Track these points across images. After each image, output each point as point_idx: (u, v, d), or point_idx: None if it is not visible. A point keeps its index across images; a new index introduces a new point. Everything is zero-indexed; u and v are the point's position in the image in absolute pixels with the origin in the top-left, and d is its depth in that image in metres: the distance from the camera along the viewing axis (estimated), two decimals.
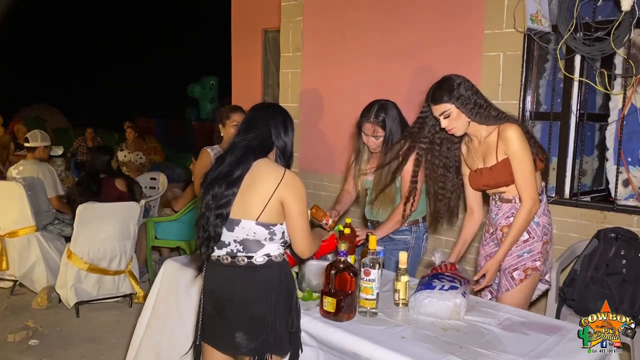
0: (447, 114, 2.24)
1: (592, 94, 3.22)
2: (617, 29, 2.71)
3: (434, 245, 3.52)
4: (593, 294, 2.57)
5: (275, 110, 1.97)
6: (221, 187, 1.82)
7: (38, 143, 4.50)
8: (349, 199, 2.92)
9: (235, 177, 1.82)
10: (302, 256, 1.96)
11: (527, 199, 2.22)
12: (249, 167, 1.84)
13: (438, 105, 2.25)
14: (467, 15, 3.32)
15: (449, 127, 2.28)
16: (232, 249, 1.85)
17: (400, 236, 2.75)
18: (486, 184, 2.36)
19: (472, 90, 2.24)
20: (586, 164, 3.30)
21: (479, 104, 2.23)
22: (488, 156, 2.31)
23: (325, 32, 4.13)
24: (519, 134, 2.20)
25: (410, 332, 1.85)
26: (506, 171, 2.24)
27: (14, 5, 13.32)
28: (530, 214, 2.24)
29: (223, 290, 1.87)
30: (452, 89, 2.21)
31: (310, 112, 4.29)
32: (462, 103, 2.21)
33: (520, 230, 2.26)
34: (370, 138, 2.67)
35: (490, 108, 2.26)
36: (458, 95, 2.20)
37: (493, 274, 2.32)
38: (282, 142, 1.92)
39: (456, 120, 2.25)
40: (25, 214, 4.18)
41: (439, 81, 2.28)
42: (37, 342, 3.45)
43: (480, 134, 2.32)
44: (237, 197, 1.83)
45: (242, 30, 6.08)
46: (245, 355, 1.87)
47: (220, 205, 1.82)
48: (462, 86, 2.22)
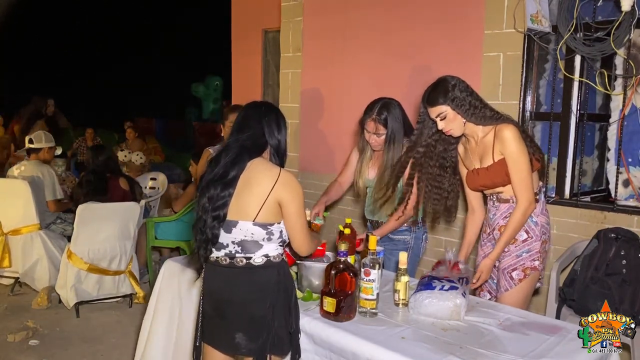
0: (443, 116, 2.25)
1: (592, 94, 3.22)
2: (617, 29, 2.71)
3: (433, 245, 3.53)
4: (593, 294, 2.57)
5: (267, 108, 1.95)
6: (217, 189, 1.81)
7: (42, 144, 4.49)
8: (338, 191, 2.93)
9: (230, 178, 1.81)
10: (302, 254, 1.97)
11: (522, 199, 2.23)
12: (243, 168, 1.83)
13: (434, 107, 2.25)
14: (467, 15, 3.32)
15: (445, 129, 2.29)
16: (230, 250, 1.85)
17: (399, 236, 2.75)
18: (483, 184, 2.37)
19: (467, 92, 2.24)
20: (586, 164, 3.30)
21: (474, 104, 2.23)
22: (485, 156, 2.31)
23: (325, 32, 4.13)
24: (515, 134, 2.20)
25: (410, 332, 1.85)
26: (502, 171, 2.25)
27: (14, 5, 13.32)
28: (525, 214, 2.25)
29: (222, 291, 1.87)
30: (447, 91, 2.21)
31: (310, 112, 4.29)
32: (457, 104, 2.21)
33: (515, 230, 2.27)
34: (372, 136, 2.67)
35: (485, 109, 2.26)
36: (453, 97, 2.21)
37: (487, 273, 2.34)
38: (276, 140, 1.91)
39: (452, 122, 2.26)
40: (29, 212, 4.17)
41: (434, 83, 2.28)
42: (37, 342, 3.45)
43: (477, 134, 2.32)
44: (233, 198, 1.82)
45: (242, 30, 6.08)
46: (245, 355, 1.88)
47: (217, 207, 1.81)
48: (456, 87, 2.22)
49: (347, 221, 2.47)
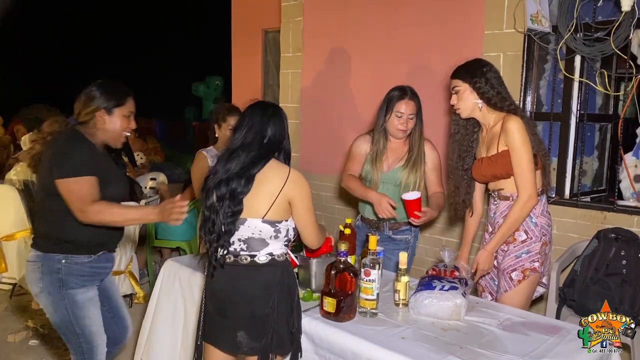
0: (456, 90, 2.30)
1: (592, 94, 3.22)
2: (618, 29, 2.71)
3: (434, 245, 3.53)
4: (593, 294, 2.57)
5: (275, 109, 1.99)
6: (231, 185, 1.82)
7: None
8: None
9: (252, 174, 1.83)
10: (312, 247, 2.03)
11: (522, 192, 2.22)
12: (263, 166, 1.84)
13: (453, 79, 2.32)
14: (467, 15, 3.32)
15: (456, 105, 2.33)
16: (235, 247, 1.86)
17: (401, 236, 2.74)
18: (484, 174, 2.36)
19: (494, 79, 2.26)
20: (586, 164, 3.30)
21: (490, 92, 2.25)
22: (491, 146, 2.32)
23: (325, 32, 4.13)
24: (520, 127, 2.20)
25: (410, 332, 1.85)
26: (504, 162, 2.24)
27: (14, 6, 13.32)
28: (524, 208, 2.23)
29: (225, 289, 1.88)
30: (470, 68, 2.27)
31: (311, 112, 4.29)
32: (475, 84, 2.25)
33: (513, 223, 2.25)
34: (404, 118, 2.59)
35: (504, 101, 2.27)
36: (474, 76, 2.25)
37: (484, 264, 2.33)
38: (288, 143, 1.97)
39: (463, 100, 2.30)
40: (21, 217, 4.13)
41: (468, 60, 2.33)
42: (37, 342, 3.45)
43: (489, 122, 2.33)
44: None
45: (242, 30, 6.08)
46: (246, 354, 1.88)
47: (237, 202, 1.81)
48: (483, 70, 2.26)
49: (347, 221, 2.47)
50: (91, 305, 2.16)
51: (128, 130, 2.22)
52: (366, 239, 2.27)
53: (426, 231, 3.55)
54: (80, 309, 2.12)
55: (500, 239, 2.29)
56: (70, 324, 2.13)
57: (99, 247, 2.17)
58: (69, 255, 2.10)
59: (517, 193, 2.26)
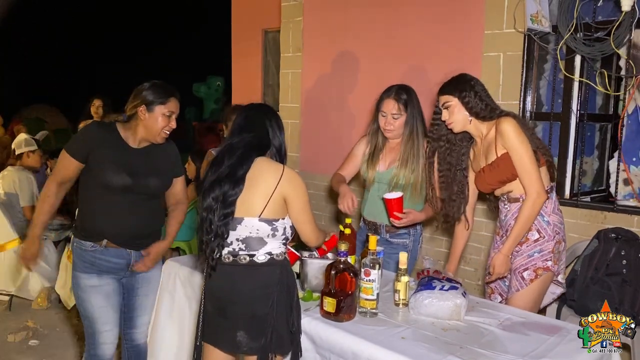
0: (447, 105, 2.29)
1: (593, 94, 3.22)
2: (618, 29, 2.71)
3: (434, 245, 3.52)
4: (593, 294, 2.57)
5: (268, 110, 2.03)
6: (223, 188, 1.83)
7: (22, 149, 4.43)
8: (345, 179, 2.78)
9: (240, 175, 1.84)
10: (311, 245, 2.04)
11: (530, 191, 2.20)
12: (250, 165, 1.86)
13: (441, 96, 2.31)
14: (467, 15, 3.32)
15: (448, 121, 2.31)
16: (234, 247, 1.87)
17: (399, 240, 2.72)
18: (490, 182, 2.34)
19: (482, 92, 2.28)
20: (586, 164, 3.30)
21: (481, 106, 2.26)
22: (489, 153, 2.31)
23: (325, 31, 4.13)
24: (514, 126, 2.20)
25: (410, 332, 1.85)
26: (507, 165, 2.23)
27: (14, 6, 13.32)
28: (534, 206, 2.21)
29: (224, 289, 1.88)
30: (459, 84, 2.27)
31: (311, 112, 4.29)
32: (464, 98, 2.25)
33: (525, 223, 2.23)
34: (388, 118, 2.56)
35: (494, 111, 2.28)
36: (462, 90, 2.26)
37: (500, 267, 2.29)
38: (279, 141, 1.97)
39: (454, 114, 2.29)
40: (5, 229, 4.10)
41: (453, 77, 2.34)
42: (37, 342, 3.46)
43: (482, 132, 2.33)
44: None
45: (242, 30, 6.08)
46: (246, 354, 1.88)
47: (228, 204, 1.83)
48: (470, 84, 2.27)
49: (347, 221, 2.46)
50: (94, 292, 2.26)
51: (168, 129, 2.26)
52: (366, 239, 2.28)
53: (426, 231, 3.55)
54: (83, 292, 2.26)
55: (515, 240, 2.26)
56: (78, 302, 2.31)
57: (99, 236, 2.23)
58: (78, 240, 2.27)
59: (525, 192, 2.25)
